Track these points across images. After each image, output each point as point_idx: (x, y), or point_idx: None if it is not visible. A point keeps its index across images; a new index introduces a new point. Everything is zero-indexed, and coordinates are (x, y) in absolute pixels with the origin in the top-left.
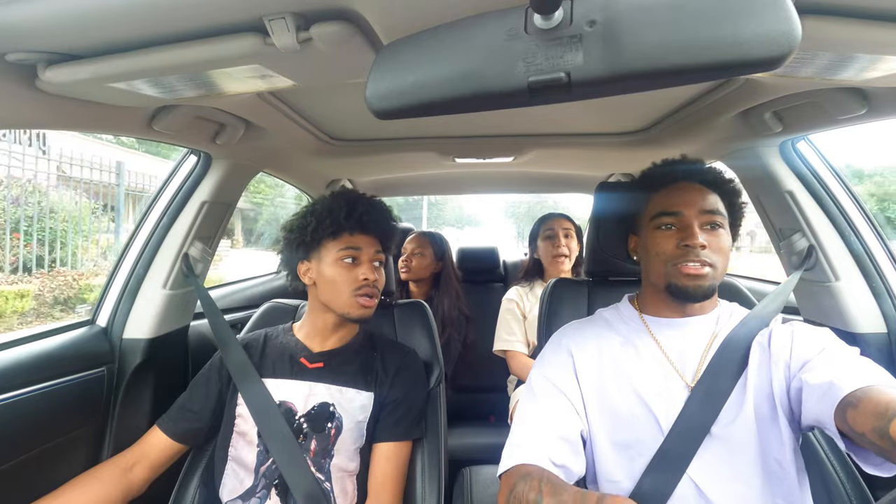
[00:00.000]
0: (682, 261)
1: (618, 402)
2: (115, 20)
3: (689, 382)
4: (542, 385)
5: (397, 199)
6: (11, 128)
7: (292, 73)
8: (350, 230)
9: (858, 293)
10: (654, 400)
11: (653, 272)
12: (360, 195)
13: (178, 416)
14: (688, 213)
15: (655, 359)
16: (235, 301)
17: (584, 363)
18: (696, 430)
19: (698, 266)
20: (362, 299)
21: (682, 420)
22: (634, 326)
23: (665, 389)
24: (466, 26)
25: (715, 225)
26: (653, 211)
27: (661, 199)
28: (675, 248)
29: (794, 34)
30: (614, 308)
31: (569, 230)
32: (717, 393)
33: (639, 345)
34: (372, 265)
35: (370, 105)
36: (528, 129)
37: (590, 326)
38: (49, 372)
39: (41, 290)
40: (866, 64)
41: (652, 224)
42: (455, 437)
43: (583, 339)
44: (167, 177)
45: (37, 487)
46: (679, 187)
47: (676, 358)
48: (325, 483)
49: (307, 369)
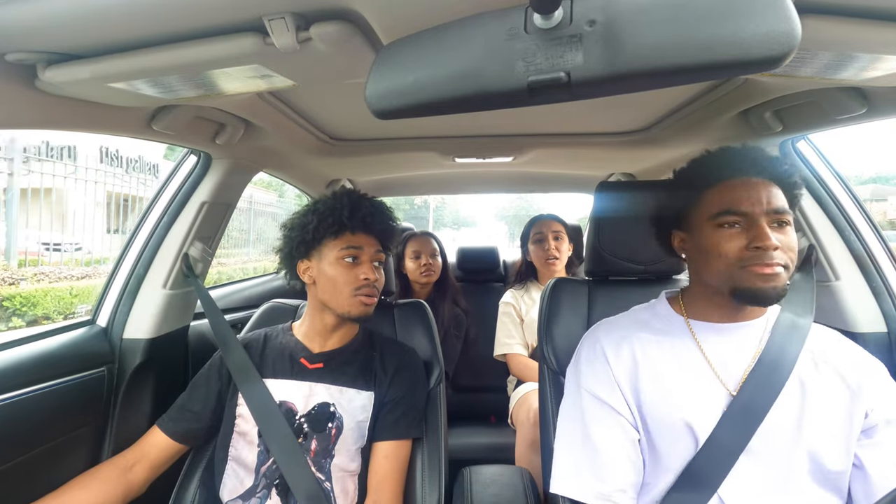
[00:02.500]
0: (752, 262)
1: (652, 410)
2: (114, 20)
3: (732, 391)
4: (592, 405)
5: (404, 205)
6: (11, 128)
7: (292, 73)
8: (352, 229)
9: (858, 292)
10: (692, 410)
11: (712, 274)
12: (363, 195)
13: (178, 416)
14: (755, 211)
15: (697, 365)
16: (235, 301)
17: (620, 370)
18: (732, 447)
19: (772, 266)
20: (363, 298)
21: (718, 434)
22: (676, 329)
23: (705, 398)
24: (466, 26)
25: (783, 223)
26: (712, 208)
27: (720, 194)
28: (743, 250)
29: (793, 34)
30: (650, 307)
31: (559, 232)
32: (759, 406)
33: (680, 349)
34: (372, 265)
35: (370, 105)
36: (528, 129)
37: (622, 328)
38: (49, 372)
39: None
40: (866, 63)
41: (712, 222)
42: (455, 437)
43: (617, 342)
44: (167, 177)
45: (37, 487)
46: (742, 182)
47: (720, 365)
48: (326, 483)
49: (307, 370)
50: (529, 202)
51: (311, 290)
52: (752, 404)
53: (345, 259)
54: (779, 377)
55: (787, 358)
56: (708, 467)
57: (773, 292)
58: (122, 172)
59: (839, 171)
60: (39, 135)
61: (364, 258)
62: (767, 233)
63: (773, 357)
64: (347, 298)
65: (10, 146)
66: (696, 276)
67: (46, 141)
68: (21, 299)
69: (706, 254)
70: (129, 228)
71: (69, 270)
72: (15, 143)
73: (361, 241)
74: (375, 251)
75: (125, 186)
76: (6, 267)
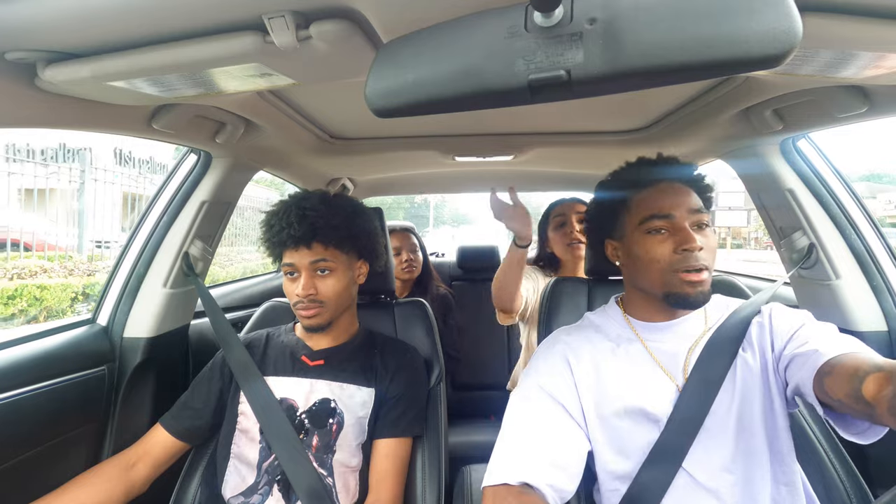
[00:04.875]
0: (682, 267)
1: (616, 408)
2: (114, 19)
3: (679, 384)
4: (539, 397)
5: (404, 203)
6: (11, 127)
7: (292, 72)
8: (283, 247)
9: (859, 291)
10: (649, 402)
11: (646, 279)
12: (295, 203)
13: (180, 414)
14: (680, 213)
15: (646, 362)
16: (235, 300)
17: (581, 374)
18: (690, 425)
19: (699, 273)
20: (301, 312)
21: (675, 417)
22: (623, 330)
23: (657, 391)
24: (466, 24)
25: (703, 224)
26: (641, 213)
27: (645, 201)
28: (672, 254)
29: (794, 32)
30: (602, 311)
31: (583, 214)
32: (708, 386)
33: (630, 349)
34: (313, 276)
35: (370, 103)
36: (529, 128)
37: (581, 332)
38: (50, 371)
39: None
40: (867, 61)
41: (641, 228)
42: (455, 436)
43: (577, 347)
44: (167, 176)
45: (38, 486)
46: (663, 188)
47: (665, 360)
48: (328, 479)
49: (308, 367)
50: (527, 201)
51: None
52: (699, 388)
53: (287, 275)
54: (721, 358)
55: (725, 339)
56: (670, 446)
57: (701, 296)
58: (135, 173)
59: (839, 170)
60: (55, 137)
61: (301, 271)
62: (693, 235)
63: (714, 340)
64: (295, 311)
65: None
66: (631, 282)
67: (63, 143)
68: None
69: (638, 260)
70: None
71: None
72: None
73: (292, 257)
74: (310, 262)
75: (138, 187)
76: (81, 261)
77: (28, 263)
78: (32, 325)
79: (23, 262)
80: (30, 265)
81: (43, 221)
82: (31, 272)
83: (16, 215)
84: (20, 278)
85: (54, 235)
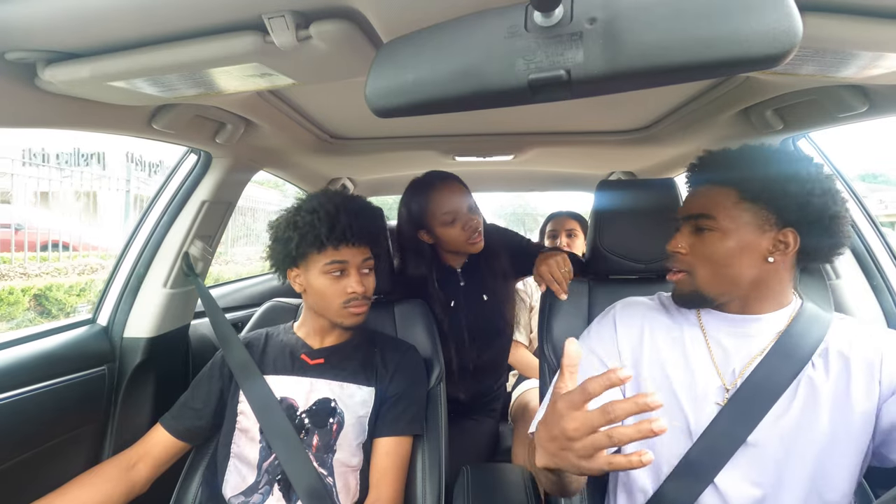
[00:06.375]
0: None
1: (653, 374)
2: (114, 19)
3: (727, 385)
4: (587, 361)
5: None
6: (11, 127)
7: (292, 72)
8: (334, 244)
9: (859, 291)
10: (686, 399)
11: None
12: (342, 202)
13: (181, 414)
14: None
15: (698, 354)
16: (236, 300)
17: (625, 339)
18: (728, 441)
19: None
20: (352, 309)
21: (712, 429)
22: (688, 315)
23: (700, 389)
24: (466, 24)
25: (703, 228)
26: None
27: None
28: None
29: (795, 31)
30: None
31: (573, 230)
32: (761, 401)
33: (686, 336)
34: (360, 274)
35: (370, 103)
36: (529, 128)
37: (642, 305)
38: (50, 371)
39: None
40: (867, 61)
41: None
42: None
43: (630, 313)
44: (167, 176)
45: (38, 486)
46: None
47: (720, 356)
48: (328, 478)
49: (308, 366)
50: (527, 200)
51: (304, 295)
52: (749, 400)
53: (331, 273)
54: (784, 372)
55: (799, 354)
56: (701, 461)
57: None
58: (145, 176)
59: (839, 169)
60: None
61: (350, 270)
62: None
63: (781, 350)
64: (337, 310)
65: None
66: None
67: (77, 147)
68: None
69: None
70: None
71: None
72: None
73: (345, 255)
74: (362, 260)
75: (149, 189)
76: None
77: (89, 261)
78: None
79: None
80: (91, 262)
81: (80, 224)
82: (93, 268)
83: (56, 218)
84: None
85: (95, 237)
